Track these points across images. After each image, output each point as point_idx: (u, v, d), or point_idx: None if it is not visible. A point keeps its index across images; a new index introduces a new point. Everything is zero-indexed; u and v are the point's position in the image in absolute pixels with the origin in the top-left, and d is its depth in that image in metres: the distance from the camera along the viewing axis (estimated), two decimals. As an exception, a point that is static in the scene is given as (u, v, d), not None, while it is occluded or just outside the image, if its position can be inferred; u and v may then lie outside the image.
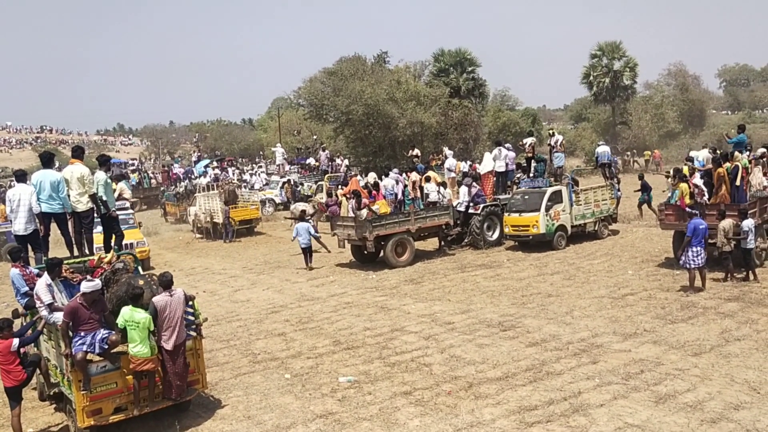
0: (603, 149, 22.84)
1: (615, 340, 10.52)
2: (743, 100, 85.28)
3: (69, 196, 10.05)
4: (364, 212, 18.11)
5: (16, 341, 8.23)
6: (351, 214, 18.69)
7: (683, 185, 14.89)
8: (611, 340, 10.56)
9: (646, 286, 13.94)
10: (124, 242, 13.84)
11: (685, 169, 15.98)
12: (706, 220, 13.43)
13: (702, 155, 17.67)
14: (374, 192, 19.39)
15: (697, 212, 13.81)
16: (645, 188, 22.45)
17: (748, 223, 13.42)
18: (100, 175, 10.70)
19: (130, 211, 22.17)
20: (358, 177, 24.16)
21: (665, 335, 10.59)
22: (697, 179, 14.94)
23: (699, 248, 12.87)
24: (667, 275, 14.60)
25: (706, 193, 14.61)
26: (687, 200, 14.62)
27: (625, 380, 8.82)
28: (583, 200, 19.70)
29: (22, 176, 10.23)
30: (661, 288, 13.66)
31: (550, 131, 23.69)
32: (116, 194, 18.09)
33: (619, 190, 22.14)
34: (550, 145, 22.76)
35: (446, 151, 26.68)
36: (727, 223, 13.43)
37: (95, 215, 10.63)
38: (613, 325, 11.30)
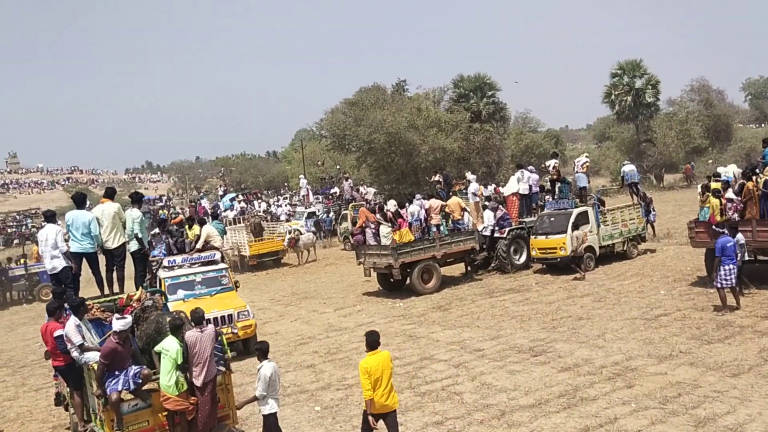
0: (629, 168, 22.63)
1: (650, 363, 10.28)
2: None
3: (100, 234, 10.23)
4: (388, 229, 18.15)
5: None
6: (373, 242, 18.70)
7: (714, 201, 14.59)
8: (646, 362, 10.33)
9: (680, 306, 13.63)
10: (220, 313, 13.49)
11: (718, 185, 15.63)
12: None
13: (730, 170, 17.33)
14: (399, 219, 19.36)
15: (724, 230, 13.44)
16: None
17: None
18: (135, 213, 10.83)
19: (223, 265, 15.08)
20: (365, 206, 24.07)
21: (702, 356, 10.32)
22: (730, 194, 14.63)
23: (732, 266, 12.54)
24: (701, 294, 14.27)
25: (741, 206, 14.24)
26: (717, 217, 14.32)
27: (662, 404, 8.60)
28: (610, 220, 19.47)
29: (51, 217, 10.42)
30: (696, 308, 13.34)
31: (585, 155, 23.83)
32: (202, 241, 15.29)
33: (651, 210, 21.87)
34: (574, 165, 22.69)
35: (469, 176, 26.65)
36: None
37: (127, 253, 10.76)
38: (648, 348, 11.06)
